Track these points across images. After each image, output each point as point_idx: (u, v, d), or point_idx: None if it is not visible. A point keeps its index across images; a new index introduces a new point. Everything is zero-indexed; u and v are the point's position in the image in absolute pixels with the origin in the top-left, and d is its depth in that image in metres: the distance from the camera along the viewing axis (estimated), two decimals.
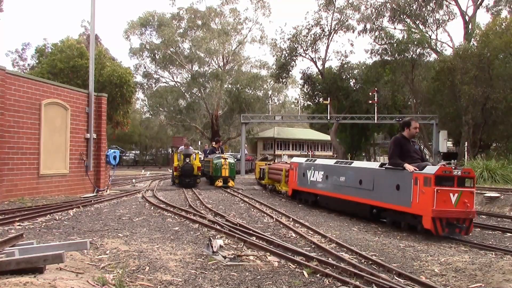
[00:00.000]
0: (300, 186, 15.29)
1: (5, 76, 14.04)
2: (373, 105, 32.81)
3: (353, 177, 11.87)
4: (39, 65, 27.45)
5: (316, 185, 14.08)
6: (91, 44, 19.40)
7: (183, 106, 49.57)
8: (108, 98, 20.94)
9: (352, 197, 11.95)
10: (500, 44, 24.58)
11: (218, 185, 21.12)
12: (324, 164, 13.97)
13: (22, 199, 14.15)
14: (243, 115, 37.19)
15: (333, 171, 13.12)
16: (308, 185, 14.66)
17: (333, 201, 13.21)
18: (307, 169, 14.73)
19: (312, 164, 14.63)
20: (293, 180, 15.81)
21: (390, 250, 8.26)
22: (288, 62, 37.57)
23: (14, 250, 5.39)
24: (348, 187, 12.08)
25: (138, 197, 16.82)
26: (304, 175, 14.90)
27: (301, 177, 15.11)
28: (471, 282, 6.17)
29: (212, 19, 48.62)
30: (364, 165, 12.64)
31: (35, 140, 15.48)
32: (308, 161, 15.37)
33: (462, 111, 27.57)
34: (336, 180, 12.76)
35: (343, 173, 12.47)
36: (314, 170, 14.26)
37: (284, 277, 6.22)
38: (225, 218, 11.46)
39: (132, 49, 49.18)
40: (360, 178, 11.47)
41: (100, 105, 19.10)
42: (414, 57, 31.43)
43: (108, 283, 5.16)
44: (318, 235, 9.52)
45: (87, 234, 8.85)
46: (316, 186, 14.09)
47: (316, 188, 14.14)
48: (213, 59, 48.95)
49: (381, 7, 32.94)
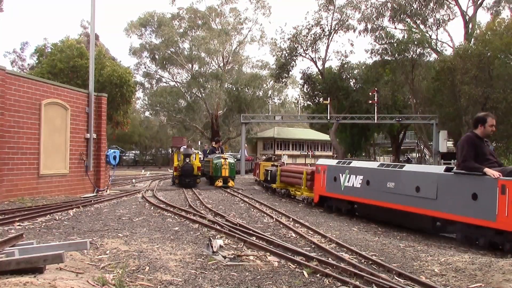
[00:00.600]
0: (330, 191, 13.48)
1: (5, 76, 14.04)
2: (373, 105, 32.80)
3: (407, 183, 10.32)
4: (39, 65, 27.45)
5: (353, 192, 12.38)
6: (91, 44, 19.40)
7: (183, 106, 49.58)
8: (108, 98, 20.94)
9: (405, 207, 10.34)
10: (500, 44, 24.59)
11: (218, 185, 21.13)
12: (364, 167, 12.29)
13: (22, 199, 14.15)
14: (243, 115, 37.19)
15: (377, 176, 11.53)
16: (341, 191, 12.95)
17: (377, 211, 11.61)
18: (340, 172, 13.02)
19: (346, 167, 12.88)
20: (321, 185, 13.96)
21: (390, 250, 8.26)
22: (288, 62, 37.58)
23: (14, 250, 5.39)
24: (400, 194, 10.51)
25: (138, 197, 16.82)
26: (335, 180, 13.17)
27: (331, 181, 13.34)
28: (471, 282, 6.17)
29: (212, 19, 48.64)
30: (422, 169, 10.67)
31: (35, 140, 15.48)
32: (341, 163, 13.61)
33: (462, 111, 27.57)
34: (382, 186, 11.13)
35: (391, 178, 10.93)
36: (349, 173, 12.58)
37: (284, 277, 6.22)
38: (225, 218, 11.46)
39: (132, 49, 49.22)
40: (417, 184, 9.94)
41: (100, 105, 19.11)
42: (414, 57, 31.43)
43: (108, 283, 5.16)
44: (318, 235, 9.52)
45: (87, 234, 8.85)
46: (353, 192, 12.39)
47: (352, 194, 12.45)
48: (213, 59, 49.00)
49: (382, 7, 32.96)
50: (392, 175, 10.99)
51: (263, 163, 23.39)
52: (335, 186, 13.21)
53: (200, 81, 47.48)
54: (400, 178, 10.65)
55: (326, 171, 13.73)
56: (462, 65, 26.28)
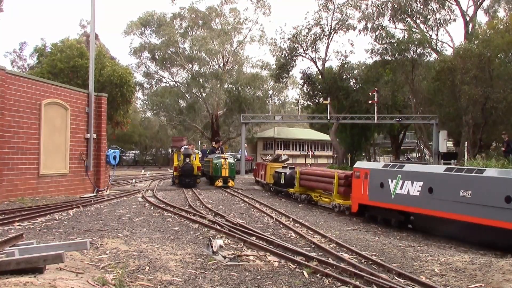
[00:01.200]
0: (375, 200, 11.69)
1: (5, 76, 14.04)
2: (373, 105, 32.76)
3: (491, 191, 8.74)
4: (39, 65, 27.43)
5: (408, 201, 10.65)
6: (91, 44, 19.40)
7: (183, 106, 49.58)
8: (108, 98, 20.93)
9: (489, 221, 8.69)
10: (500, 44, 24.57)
11: (218, 185, 21.12)
12: (425, 172, 10.52)
13: (22, 199, 14.15)
14: (243, 115, 37.18)
15: (443, 182, 9.83)
16: (390, 199, 11.21)
17: (443, 224, 9.92)
18: (389, 177, 11.34)
19: (398, 171, 11.20)
20: (361, 192, 12.18)
21: (390, 250, 8.27)
22: (288, 62, 37.55)
23: (14, 250, 5.39)
24: (481, 205, 8.88)
25: (138, 197, 16.83)
26: (382, 186, 11.51)
27: (376, 188, 11.64)
28: (471, 282, 6.18)
29: (212, 19, 48.65)
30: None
31: (35, 140, 15.48)
32: (390, 166, 11.81)
33: (462, 111, 27.54)
34: (452, 195, 9.46)
35: (466, 185, 9.24)
36: (403, 179, 10.89)
37: (284, 277, 6.22)
38: (225, 218, 11.46)
39: (132, 49, 49.26)
40: (507, 193, 8.41)
41: (100, 105, 19.10)
42: (414, 57, 31.39)
43: (108, 283, 5.16)
44: (318, 235, 9.52)
45: (87, 234, 8.86)
46: (408, 201, 10.65)
47: (407, 204, 10.71)
48: (213, 59, 48.97)
49: (382, 6, 32.93)
50: (467, 182, 9.25)
51: (270, 164, 21.13)
52: (382, 194, 11.43)
53: (200, 81, 47.45)
54: (479, 185, 9.00)
55: (369, 175, 11.90)
56: (462, 65, 26.25)
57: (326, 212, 14.34)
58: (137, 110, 57.20)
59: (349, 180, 13.27)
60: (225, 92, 46.21)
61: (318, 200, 15.66)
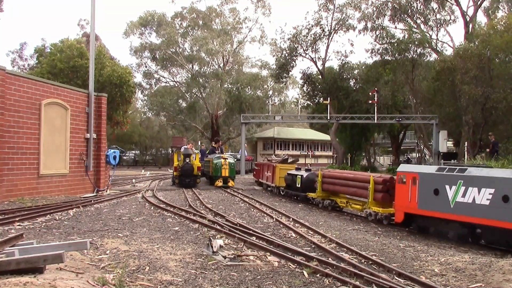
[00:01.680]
0: (427, 209, 10.28)
1: (5, 76, 14.04)
2: (373, 105, 32.77)
3: None
4: (39, 65, 27.43)
5: (473, 211, 9.32)
6: (91, 44, 19.39)
7: (184, 106, 49.59)
8: (108, 98, 20.93)
9: None
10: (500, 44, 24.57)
11: (218, 185, 21.12)
12: (498, 177, 9.09)
13: (22, 199, 14.15)
14: (243, 115, 37.18)
15: None
16: (448, 208, 9.86)
17: None
18: (447, 183, 9.97)
19: (459, 176, 9.83)
20: (408, 199, 10.80)
21: (390, 250, 8.27)
22: (288, 62, 37.58)
23: (14, 250, 5.39)
24: None
25: (138, 197, 16.83)
26: (437, 193, 10.16)
27: (429, 195, 10.26)
28: (471, 282, 6.18)
29: (212, 19, 48.65)
30: None
31: (35, 140, 15.48)
32: (447, 170, 10.36)
33: (462, 111, 27.54)
34: None
35: None
36: (466, 185, 9.55)
37: (284, 277, 6.22)
38: (225, 218, 11.46)
39: (132, 49, 49.27)
40: None
41: (100, 105, 19.10)
42: (414, 57, 31.41)
43: (108, 283, 5.16)
44: (318, 235, 9.52)
45: (87, 234, 8.86)
46: (473, 211, 9.33)
47: (472, 214, 9.39)
48: (213, 59, 48.99)
49: (382, 6, 32.94)
50: None
51: (280, 165, 19.33)
52: (437, 202, 10.08)
53: (200, 81, 47.47)
54: None
55: (419, 180, 10.49)
56: (462, 65, 26.25)
57: (326, 212, 14.35)
58: (137, 110, 57.21)
59: (388, 185, 11.96)
60: (225, 92, 46.22)
61: (344, 206, 14.31)
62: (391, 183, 11.98)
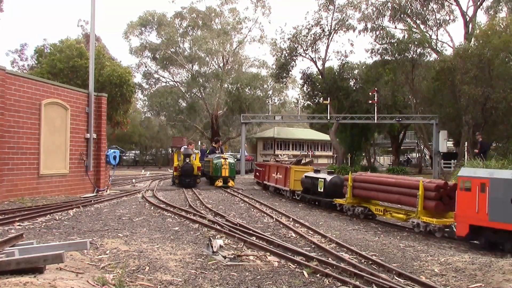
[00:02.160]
0: (502, 221, 8.79)
1: (5, 76, 14.04)
2: (373, 105, 32.80)
3: None
4: (38, 65, 27.42)
5: None
6: (91, 44, 19.39)
7: (184, 106, 49.60)
8: (108, 98, 20.93)
9: None
10: (500, 44, 24.58)
11: (218, 185, 21.12)
12: None
13: (22, 199, 14.15)
14: (243, 115, 37.19)
15: None
16: None
17: None
18: None
19: None
20: (474, 209, 9.35)
21: (390, 250, 8.27)
22: (288, 62, 37.61)
23: (14, 250, 5.40)
24: None
25: (138, 197, 16.83)
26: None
27: (505, 204, 8.77)
28: (471, 282, 6.18)
29: (212, 19, 48.66)
30: None
31: (35, 140, 15.48)
32: None
33: (462, 111, 27.55)
34: None
35: None
36: None
37: (284, 277, 6.22)
38: (225, 218, 11.46)
39: (132, 49, 49.25)
40: None
41: (100, 105, 19.10)
42: (414, 57, 31.45)
43: (108, 283, 5.16)
44: (318, 235, 9.53)
45: (87, 234, 8.86)
46: None
47: None
48: (213, 59, 49.00)
49: (382, 6, 32.97)
50: None
51: (295, 167, 17.86)
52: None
53: (200, 81, 47.47)
54: None
55: (489, 187, 9.08)
56: (462, 65, 26.26)
57: (326, 212, 14.34)
58: (137, 110, 57.20)
59: (442, 192, 10.61)
60: (225, 92, 46.23)
61: (381, 215, 12.59)
62: (446, 189, 10.63)
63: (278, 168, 19.38)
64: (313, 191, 15.51)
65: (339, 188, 14.36)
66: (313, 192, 15.57)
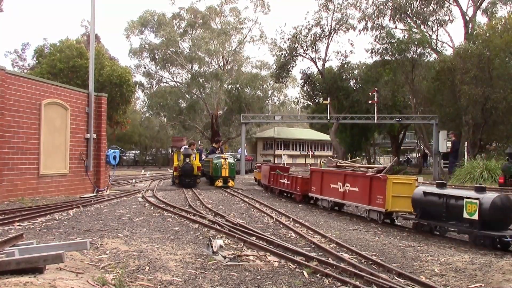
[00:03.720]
0: None
1: (5, 76, 14.03)
2: (373, 105, 32.84)
3: None
4: (38, 66, 27.43)
5: None
6: (91, 44, 19.38)
7: (184, 106, 49.62)
8: (108, 98, 20.93)
9: None
10: (500, 44, 24.60)
11: (218, 185, 21.12)
12: None
13: (22, 199, 14.15)
14: (243, 115, 37.22)
15: None
16: None
17: None
18: None
19: None
20: None
21: (390, 250, 8.27)
22: (288, 62, 37.66)
23: (14, 250, 5.39)
24: None
25: (138, 197, 16.83)
26: None
27: None
28: (471, 282, 6.18)
29: (212, 18, 48.67)
30: None
31: (35, 140, 15.48)
32: None
33: (462, 111, 27.57)
34: None
35: None
36: None
37: (284, 277, 6.22)
38: (225, 218, 11.46)
39: (132, 49, 49.23)
40: None
41: (100, 105, 19.10)
42: (414, 57, 31.50)
43: (108, 283, 5.16)
44: (318, 235, 9.52)
45: (87, 234, 8.86)
46: None
47: None
48: (213, 59, 49.02)
49: (383, 6, 33.00)
50: None
51: (393, 178, 12.12)
52: None
53: (200, 81, 47.50)
54: None
55: None
56: (462, 65, 26.30)
57: (326, 212, 14.34)
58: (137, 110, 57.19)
59: None
60: (225, 92, 46.22)
61: None
62: None
63: (347, 177, 13.66)
64: (447, 217, 10.09)
65: (509, 213, 9.10)
66: (447, 219, 10.13)
